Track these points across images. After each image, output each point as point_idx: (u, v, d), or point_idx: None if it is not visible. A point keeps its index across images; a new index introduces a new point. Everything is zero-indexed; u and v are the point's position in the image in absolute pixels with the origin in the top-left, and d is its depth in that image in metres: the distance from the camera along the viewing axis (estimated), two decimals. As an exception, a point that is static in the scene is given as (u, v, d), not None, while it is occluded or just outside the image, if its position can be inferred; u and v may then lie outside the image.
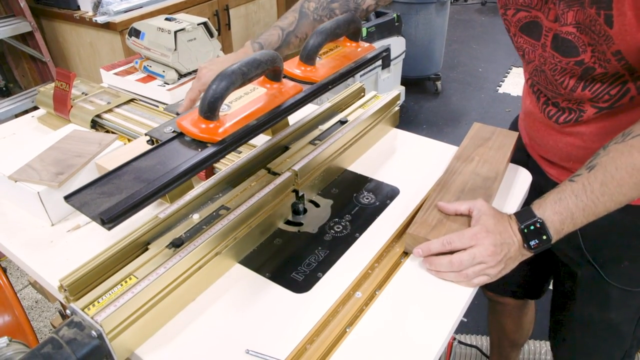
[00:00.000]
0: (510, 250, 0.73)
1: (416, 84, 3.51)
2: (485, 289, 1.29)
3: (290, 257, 0.80)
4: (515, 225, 0.74)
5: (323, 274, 0.76)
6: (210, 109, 0.73)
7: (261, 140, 0.92)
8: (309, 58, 0.91)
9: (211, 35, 1.32)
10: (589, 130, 0.84)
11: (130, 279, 0.66)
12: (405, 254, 0.79)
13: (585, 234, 0.89)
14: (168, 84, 1.28)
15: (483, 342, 1.60)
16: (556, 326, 1.11)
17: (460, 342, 1.57)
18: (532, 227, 0.73)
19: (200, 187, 0.82)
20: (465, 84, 3.66)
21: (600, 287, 0.93)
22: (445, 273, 0.74)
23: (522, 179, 0.97)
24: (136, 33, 1.32)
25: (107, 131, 1.13)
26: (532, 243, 0.73)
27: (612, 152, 0.70)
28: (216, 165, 0.95)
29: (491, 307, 1.39)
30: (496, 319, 1.40)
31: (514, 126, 1.12)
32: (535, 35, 0.81)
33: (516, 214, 0.75)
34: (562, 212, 0.72)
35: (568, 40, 0.75)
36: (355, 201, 0.91)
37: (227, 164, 0.90)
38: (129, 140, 1.07)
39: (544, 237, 0.72)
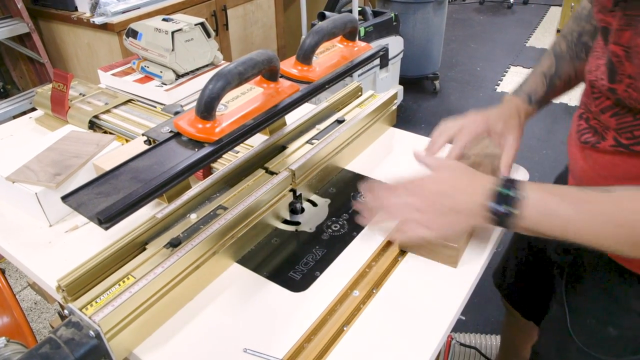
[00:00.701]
0: (451, 202, 0.67)
1: (414, 83, 3.52)
2: (503, 298, 1.24)
3: (287, 256, 0.80)
4: (490, 183, 0.66)
5: (320, 272, 0.76)
6: (206, 109, 0.74)
7: (258, 140, 0.92)
8: (305, 57, 0.91)
9: (208, 35, 1.32)
10: (600, 161, 0.74)
11: (128, 278, 0.66)
12: (402, 252, 0.80)
13: (571, 271, 0.85)
14: (165, 84, 1.28)
15: (482, 341, 1.60)
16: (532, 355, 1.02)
17: (459, 342, 1.57)
18: (504, 192, 0.64)
19: (197, 186, 0.82)
20: (464, 83, 3.66)
21: (562, 332, 0.84)
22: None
23: (520, 177, 0.97)
24: (133, 34, 1.32)
25: (105, 132, 1.13)
26: (495, 206, 0.64)
27: (632, 191, 0.60)
28: (213, 165, 0.95)
29: (506, 317, 1.35)
30: (509, 329, 1.37)
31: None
32: (607, 42, 0.69)
33: (502, 178, 0.67)
34: (547, 205, 0.63)
35: (612, 62, 0.65)
36: (352, 200, 0.91)
37: (225, 164, 0.90)
38: (127, 140, 1.08)
39: (511, 210, 0.63)
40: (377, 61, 1.06)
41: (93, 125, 1.14)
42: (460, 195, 0.67)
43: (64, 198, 0.65)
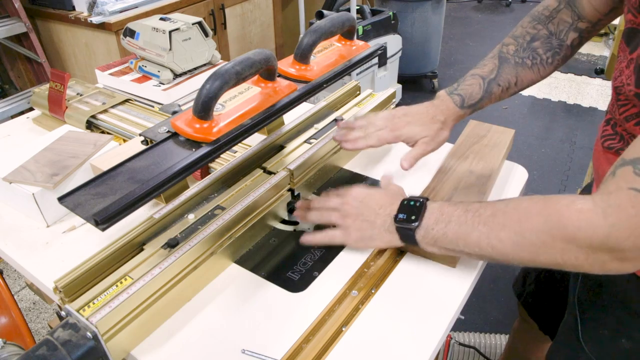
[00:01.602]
0: (371, 213, 0.73)
1: (413, 82, 3.51)
2: (522, 307, 1.20)
3: (286, 257, 0.79)
4: (401, 198, 0.73)
5: (319, 273, 0.76)
6: (204, 109, 0.73)
7: (256, 140, 0.92)
8: (303, 57, 0.91)
9: (206, 34, 1.32)
10: None
11: (125, 279, 0.66)
12: (401, 252, 0.79)
13: (584, 282, 0.83)
14: (163, 84, 1.27)
15: (481, 340, 1.60)
16: None
17: (458, 342, 1.57)
18: (412, 203, 0.70)
19: (195, 187, 0.81)
20: None
21: (573, 341, 0.82)
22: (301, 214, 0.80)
23: (519, 176, 0.97)
24: (131, 33, 1.31)
25: (103, 132, 1.13)
26: (399, 216, 0.70)
27: (527, 198, 0.62)
28: (211, 165, 0.94)
29: (519, 322, 1.32)
30: (520, 335, 1.34)
31: None
32: (632, 44, 0.65)
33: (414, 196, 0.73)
34: (444, 213, 0.67)
35: (639, 66, 0.62)
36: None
37: (222, 164, 0.90)
38: (125, 140, 1.07)
39: (412, 218, 0.68)
40: (376, 60, 1.06)
41: (90, 125, 1.14)
42: (379, 209, 0.73)
43: (61, 199, 0.65)
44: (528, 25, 0.86)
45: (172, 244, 0.71)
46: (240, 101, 0.82)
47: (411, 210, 0.70)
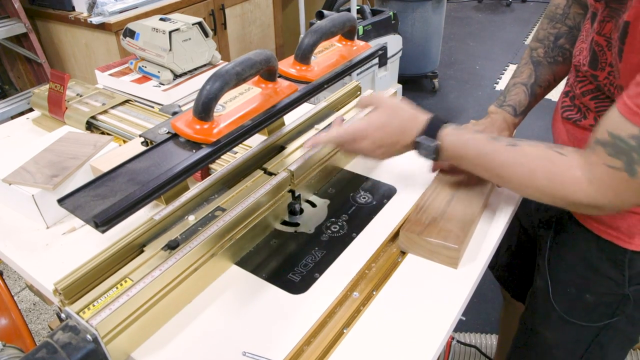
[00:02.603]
0: (395, 147, 0.78)
1: (413, 81, 3.51)
2: (502, 288, 1.27)
3: (286, 258, 0.79)
4: (418, 125, 0.77)
5: (320, 274, 0.75)
6: (204, 110, 0.73)
7: (257, 141, 0.91)
8: (304, 57, 0.90)
9: (206, 35, 1.31)
10: (580, 136, 0.80)
11: (125, 281, 0.66)
12: (403, 253, 0.79)
13: (553, 245, 0.91)
14: (163, 84, 1.27)
15: (482, 340, 1.60)
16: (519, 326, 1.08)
17: (459, 341, 1.57)
18: (427, 142, 0.75)
19: (195, 188, 0.81)
20: (463, 82, 3.66)
21: (546, 303, 0.92)
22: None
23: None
24: (131, 34, 1.31)
25: (102, 133, 1.13)
26: (424, 140, 0.76)
27: (535, 150, 0.69)
28: (212, 166, 0.94)
29: (505, 307, 1.37)
30: (508, 320, 1.38)
31: None
32: (592, 27, 0.74)
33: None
34: (465, 142, 0.74)
35: (595, 50, 0.71)
36: (352, 201, 0.91)
37: (223, 165, 0.89)
38: (125, 141, 1.07)
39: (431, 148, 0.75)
40: (376, 60, 1.06)
41: (90, 126, 1.14)
42: (400, 125, 0.77)
43: (61, 201, 0.65)
44: (548, 27, 0.93)
45: (172, 246, 0.70)
46: (240, 102, 0.81)
47: (427, 147, 0.76)
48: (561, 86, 0.90)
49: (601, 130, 0.62)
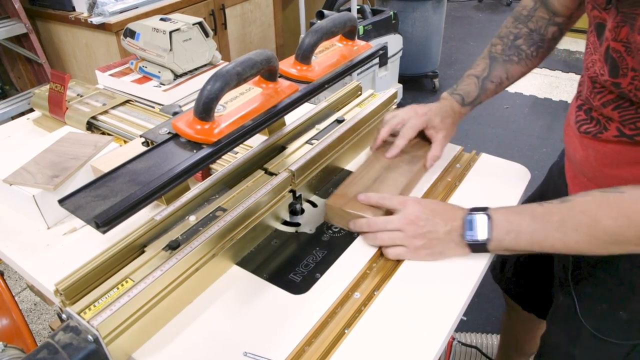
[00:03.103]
0: (439, 230, 0.74)
1: (414, 81, 3.51)
2: (504, 292, 1.26)
3: (287, 258, 0.79)
4: (463, 212, 0.75)
5: (321, 274, 0.75)
6: (205, 110, 0.73)
7: (257, 141, 0.91)
8: (304, 57, 0.90)
9: (206, 35, 1.31)
10: (602, 150, 0.77)
11: (126, 282, 0.66)
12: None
13: (576, 263, 0.87)
14: (164, 84, 1.27)
15: (483, 340, 1.59)
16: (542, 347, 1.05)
17: (460, 342, 1.57)
18: (474, 218, 0.73)
19: (196, 188, 0.81)
20: None
21: (573, 320, 0.87)
22: (365, 235, 0.79)
23: (521, 175, 0.96)
24: (131, 34, 1.31)
25: (103, 133, 1.12)
26: (467, 233, 0.73)
27: (590, 197, 0.67)
28: (212, 166, 0.94)
29: (507, 311, 1.36)
30: (510, 324, 1.38)
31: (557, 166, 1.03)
32: (601, 38, 0.72)
33: (473, 208, 0.76)
34: (512, 223, 0.71)
35: (613, 58, 0.68)
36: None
37: (224, 165, 0.89)
38: (125, 141, 1.07)
39: (480, 234, 0.72)
40: (377, 60, 1.06)
41: (91, 126, 1.14)
42: (439, 226, 0.74)
43: (61, 201, 0.65)
44: (511, 26, 0.95)
45: (173, 246, 0.70)
46: (241, 102, 0.81)
47: (477, 226, 0.73)
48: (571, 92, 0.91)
49: None
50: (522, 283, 1.17)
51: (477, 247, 0.74)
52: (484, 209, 0.74)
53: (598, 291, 0.84)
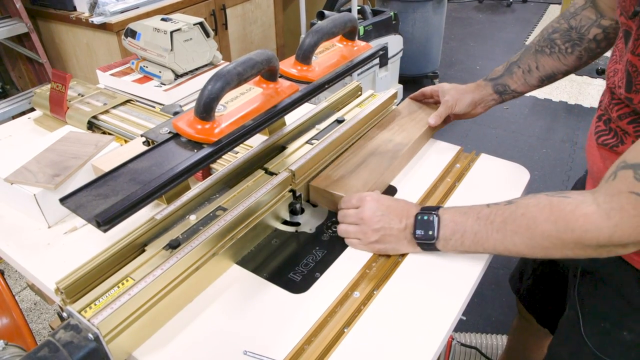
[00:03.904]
0: (393, 227, 0.76)
1: (414, 82, 3.51)
2: (520, 302, 1.23)
3: (287, 258, 0.79)
4: (415, 210, 0.76)
5: (321, 274, 0.76)
6: (205, 110, 0.73)
7: (258, 141, 0.92)
8: (305, 57, 0.91)
9: (207, 35, 1.32)
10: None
11: (127, 281, 0.66)
12: (403, 254, 0.79)
13: (584, 274, 0.85)
14: (164, 84, 1.27)
15: (483, 340, 1.60)
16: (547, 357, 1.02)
17: (459, 342, 1.57)
18: (425, 217, 0.75)
19: (197, 187, 0.81)
20: (463, 82, 3.60)
21: (576, 335, 0.84)
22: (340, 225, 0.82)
23: (520, 176, 0.97)
24: (132, 34, 1.31)
25: (104, 132, 1.13)
26: (417, 232, 0.75)
27: (534, 199, 0.67)
28: (213, 165, 0.94)
29: (518, 320, 1.34)
30: (521, 334, 1.35)
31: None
32: (627, 46, 0.69)
33: (425, 207, 0.78)
34: (457, 224, 0.72)
35: (629, 72, 0.66)
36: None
37: (224, 165, 0.89)
38: (126, 141, 1.07)
39: (430, 233, 0.74)
40: (377, 60, 1.07)
41: (92, 125, 1.14)
42: (393, 222, 0.76)
43: (63, 200, 0.65)
44: (554, 20, 0.96)
45: (173, 245, 0.71)
46: (242, 102, 0.82)
47: (427, 225, 0.74)
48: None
49: (633, 152, 0.57)
50: (539, 294, 1.15)
51: (426, 246, 0.76)
52: (435, 209, 0.75)
53: (602, 309, 0.82)
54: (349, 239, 0.80)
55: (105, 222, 0.60)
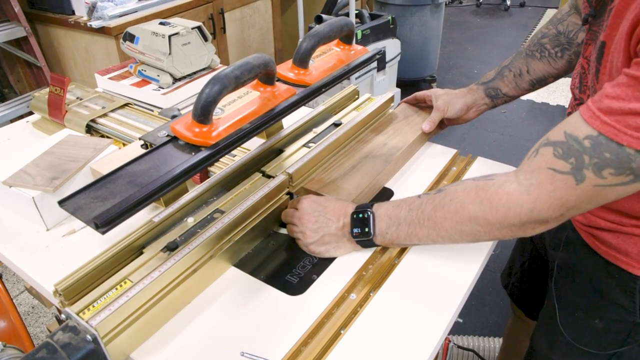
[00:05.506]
0: (331, 226, 0.77)
1: (412, 86, 3.52)
2: (509, 297, 1.26)
3: (284, 260, 0.80)
4: (351, 209, 0.78)
5: (317, 276, 0.76)
6: (203, 113, 0.74)
7: (255, 144, 0.92)
8: (302, 61, 0.91)
9: (205, 39, 1.32)
10: None
11: (125, 282, 0.66)
12: (400, 255, 0.80)
13: (560, 266, 0.88)
14: (163, 88, 1.28)
15: (480, 343, 1.60)
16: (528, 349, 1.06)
17: (456, 345, 1.57)
18: (360, 215, 0.76)
19: (194, 190, 0.82)
20: (461, 86, 3.61)
21: (553, 326, 0.88)
22: None
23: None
24: (130, 37, 1.32)
25: (102, 136, 1.13)
26: (354, 230, 0.76)
27: (461, 185, 0.69)
28: (210, 168, 0.95)
29: (513, 320, 1.36)
30: (514, 330, 1.37)
31: None
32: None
33: (360, 205, 0.79)
34: (391, 217, 0.74)
35: (580, 74, 0.70)
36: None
37: (222, 167, 0.90)
38: (124, 144, 1.08)
39: (366, 230, 0.75)
40: (375, 64, 1.07)
41: (90, 129, 1.15)
42: (330, 222, 0.78)
43: (61, 202, 0.65)
44: (544, 26, 0.99)
45: (171, 247, 0.71)
46: (239, 105, 0.82)
47: (362, 223, 0.76)
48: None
49: (556, 131, 0.59)
50: (526, 288, 1.18)
51: (365, 243, 0.77)
52: (369, 206, 0.77)
53: (576, 298, 0.85)
54: (298, 240, 0.81)
55: (104, 224, 0.61)
